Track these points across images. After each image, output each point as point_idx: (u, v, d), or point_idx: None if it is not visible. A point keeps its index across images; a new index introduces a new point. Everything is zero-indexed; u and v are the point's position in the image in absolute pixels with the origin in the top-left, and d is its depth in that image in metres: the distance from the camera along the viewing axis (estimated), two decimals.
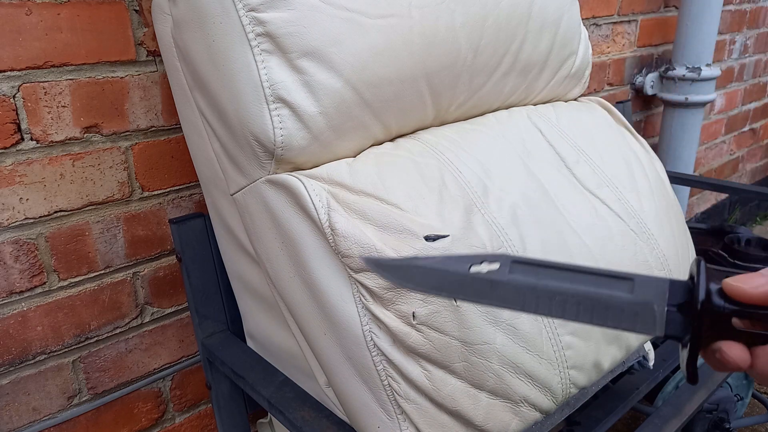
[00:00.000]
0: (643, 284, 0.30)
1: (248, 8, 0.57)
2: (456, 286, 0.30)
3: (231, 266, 0.78)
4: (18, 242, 0.71)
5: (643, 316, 0.29)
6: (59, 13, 0.68)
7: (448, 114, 0.76)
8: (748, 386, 1.24)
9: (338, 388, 0.62)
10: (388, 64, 0.64)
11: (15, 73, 0.67)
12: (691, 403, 0.75)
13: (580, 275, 0.30)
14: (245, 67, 0.58)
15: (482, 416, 0.59)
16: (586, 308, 0.29)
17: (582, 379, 0.66)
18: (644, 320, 0.29)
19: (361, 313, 0.57)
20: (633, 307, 0.29)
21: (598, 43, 1.41)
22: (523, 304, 0.30)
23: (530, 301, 0.30)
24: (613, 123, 0.91)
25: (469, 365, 0.58)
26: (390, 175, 0.62)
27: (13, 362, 0.74)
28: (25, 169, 0.70)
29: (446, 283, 0.30)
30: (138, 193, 0.80)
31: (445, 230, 0.59)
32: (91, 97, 0.73)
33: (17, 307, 0.73)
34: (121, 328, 0.82)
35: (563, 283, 0.30)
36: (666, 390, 1.11)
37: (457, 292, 0.30)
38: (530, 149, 0.77)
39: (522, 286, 0.30)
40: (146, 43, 0.76)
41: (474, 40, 0.73)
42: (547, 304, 0.30)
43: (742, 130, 2.21)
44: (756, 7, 1.96)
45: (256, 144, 0.60)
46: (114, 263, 0.79)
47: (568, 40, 0.88)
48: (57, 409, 0.79)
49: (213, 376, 0.84)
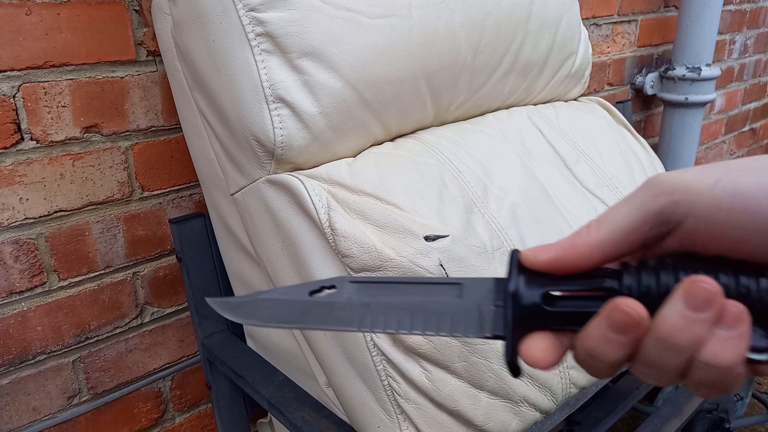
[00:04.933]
0: (471, 287, 0.29)
1: (248, 8, 0.57)
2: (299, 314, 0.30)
3: (231, 266, 0.78)
4: (18, 242, 0.71)
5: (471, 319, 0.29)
6: (59, 13, 0.68)
7: (448, 114, 0.76)
8: (748, 386, 1.24)
9: (338, 388, 0.62)
10: (388, 64, 0.64)
11: (15, 73, 0.67)
12: (691, 403, 0.75)
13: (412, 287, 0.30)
14: (245, 67, 0.58)
15: (482, 416, 0.59)
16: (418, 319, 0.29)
17: (582, 379, 0.66)
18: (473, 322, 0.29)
19: None
20: (461, 311, 0.29)
21: (598, 43, 1.41)
22: (360, 323, 0.29)
23: (366, 318, 0.30)
24: (613, 123, 0.91)
25: (469, 365, 0.58)
26: (390, 175, 0.62)
27: (13, 362, 0.74)
28: (25, 169, 0.70)
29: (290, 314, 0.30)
30: (138, 193, 0.80)
31: (445, 230, 0.59)
32: (91, 97, 0.73)
33: (17, 307, 0.73)
34: (121, 328, 0.82)
35: (395, 297, 0.30)
36: (666, 390, 1.11)
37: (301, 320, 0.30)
38: (530, 149, 0.77)
39: (357, 304, 0.30)
40: (146, 43, 0.76)
41: (474, 40, 0.73)
42: (382, 320, 0.29)
43: (742, 130, 2.21)
44: (756, 7, 1.96)
45: (256, 144, 0.60)
46: (114, 263, 0.79)
47: (568, 40, 0.88)
48: (57, 409, 0.79)
49: (213, 376, 0.84)
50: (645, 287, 0.25)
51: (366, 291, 0.30)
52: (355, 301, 0.30)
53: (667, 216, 0.25)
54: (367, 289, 0.30)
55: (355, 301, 0.30)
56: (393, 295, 0.30)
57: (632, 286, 0.25)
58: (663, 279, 0.25)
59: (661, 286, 0.25)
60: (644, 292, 0.25)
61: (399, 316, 0.29)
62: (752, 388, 1.25)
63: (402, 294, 0.30)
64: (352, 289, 0.30)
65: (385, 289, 0.30)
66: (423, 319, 0.29)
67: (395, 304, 0.30)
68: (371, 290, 0.30)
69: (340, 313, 0.30)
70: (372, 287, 0.30)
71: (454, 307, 0.29)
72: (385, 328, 0.29)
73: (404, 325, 0.29)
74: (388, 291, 0.30)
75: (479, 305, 0.29)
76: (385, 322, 0.29)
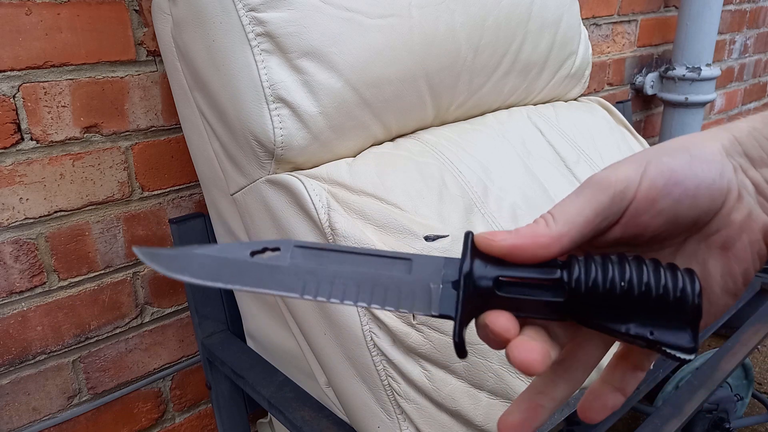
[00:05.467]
0: (421, 264, 0.29)
1: (248, 8, 0.57)
2: (235, 274, 0.29)
3: None
4: (18, 242, 0.71)
5: (420, 296, 0.29)
6: (59, 13, 0.68)
7: (448, 114, 0.76)
8: (748, 386, 1.24)
9: (338, 388, 0.62)
10: (388, 64, 0.64)
11: (15, 73, 0.67)
12: (691, 403, 0.75)
13: (361, 257, 0.30)
14: (245, 67, 0.58)
15: (482, 416, 0.59)
16: (365, 290, 0.29)
17: None
18: (421, 299, 0.29)
19: (361, 313, 0.57)
20: (410, 287, 0.29)
21: (598, 43, 1.41)
22: (303, 289, 0.29)
23: (311, 285, 0.29)
24: (613, 123, 0.91)
25: (469, 365, 0.58)
26: (390, 174, 0.62)
27: (13, 362, 0.74)
28: (25, 169, 0.70)
29: (225, 272, 0.29)
30: (138, 193, 0.80)
31: (444, 230, 0.59)
32: (91, 97, 0.73)
33: (17, 307, 0.73)
34: (121, 328, 0.82)
35: (344, 267, 0.29)
36: (666, 390, 1.11)
37: (236, 280, 0.29)
38: (530, 149, 0.77)
39: (302, 270, 0.29)
40: (146, 43, 0.76)
41: (474, 40, 0.73)
42: (328, 288, 0.29)
43: None
44: (756, 7, 1.96)
45: (256, 144, 0.60)
46: (114, 263, 0.79)
47: (568, 40, 0.88)
48: (57, 409, 0.79)
49: (213, 376, 0.84)
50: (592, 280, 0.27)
51: (313, 257, 0.30)
52: (300, 267, 0.29)
53: (615, 207, 0.28)
54: (314, 255, 0.30)
55: (301, 267, 0.29)
56: (341, 264, 0.29)
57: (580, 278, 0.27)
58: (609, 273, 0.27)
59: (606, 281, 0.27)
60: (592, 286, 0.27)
61: (345, 286, 0.29)
62: (752, 388, 1.25)
63: (350, 264, 0.29)
64: (298, 253, 0.30)
65: (332, 258, 0.30)
66: (371, 291, 0.29)
67: (343, 274, 0.29)
68: (318, 257, 0.30)
69: (284, 277, 0.29)
70: (319, 254, 0.30)
71: (403, 282, 0.29)
72: (330, 297, 0.29)
73: (350, 295, 0.29)
74: (336, 259, 0.30)
75: (428, 283, 0.29)
76: (330, 291, 0.29)
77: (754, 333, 0.92)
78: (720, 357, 0.86)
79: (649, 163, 0.28)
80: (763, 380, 1.54)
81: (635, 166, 0.28)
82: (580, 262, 0.27)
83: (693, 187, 0.27)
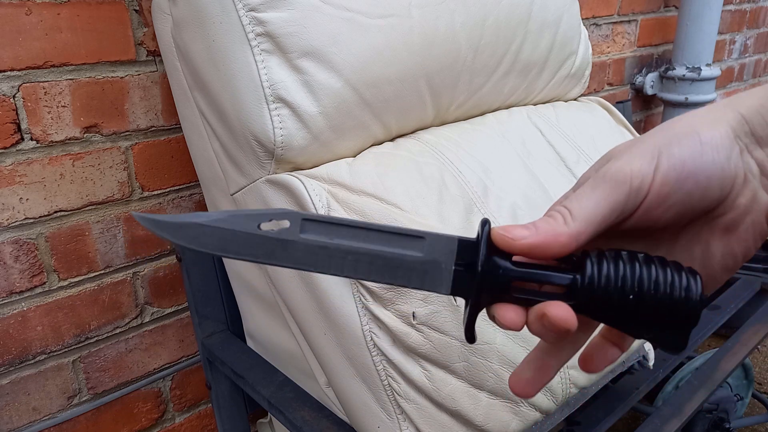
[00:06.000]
0: (433, 243, 0.30)
1: (248, 8, 0.57)
2: (244, 245, 0.29)
3: (231, 266, 0.78)
4: (18, 242, 0.71)
5: (432, 275, 0.29)
6: (59, 13, 0.68)
7: (448, 114, 0.76)
8: (748, 386, 1.24)
9: (338, 388, 0.62)
10: (388, 64, 0.64)
11: (15, 73, 0.67)
12: (691, 403, 0.75)
13: (373, 233, 0.30)
14: (245, 67, 0.58)
15: (482, 416, 0.59)
16: (377, 267, 0.29)
17: (582, 378, 0.66)
18: (433, 278, 0.29)
19: (361, 313, 0.57)
20: (423, 266, 0.29)
21: (598, 43, 1.41)
22: (315, 264, 0.29)
23: (322, 260, 0.29)
24: (613, 123, 0.91)
25: (469, 365, 0.58)
26: (390, 175, 0.62)
27: (13, 362, 0.74)
28: (25, 169, 0.70)
29: (233, 243, 0.29)
30: (138, 193, 0.80)
31: (444, 230, 0.59)
32: (91, 97, 0.73)
33: (17, 307, 0.73)
34: (121, 328, 0.82)
35: (356, 242, 0.29)
36: (666, 390, 1.11)
37: (245, 252, 0.29)
38: (530, 149, 0.77)
39: (314, 245, 0.29)
40: (146, 43, 0.76)
41: (474, 40, 0.73)
42: (340, 264, 0.29)
43: None
44: (756, 7, 1.96)
45: (256, 144, 0.60)
46: (114, 263, 0.79)
47: (568, 40, 0.88)
48: (57, 409, 0.79)
49: (213, 376, 0.84)
50: (604, 285, 0.28)
51: (323, 232, 0.30)
52: (312, 242, 0.29)
53: (630, 204, 0.28)
54: (324, 229, 0.30)
55: (313, 242, 0.29)
56: (352, 240, 0.29)
57: (593, 283, 0.28)
58: (620, 271, 0.28)
59: (618, 279, 0.27)
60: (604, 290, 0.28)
61: (357, 262, 0.29)
62: (752, 388, 1.25)
63: (362, 240, 0.30)
64: (308, 227, 0.30)
65: (343, 232, 0.30)
66: (382, 268, 0.29)
67: (354, 250, 0.29)
68: (329, 231, 0.30)
69: (294, 252, 0.29)
70: (329, 228, 0.30)
71: (416, 260, 0.29)
72: (342, 272, 0.29)
73: (361, 272, 0.29)
74: (347, 234, 0.30)
75: (441, 263, 0.29)
76: (342, 267, 0.29)
77: (754, 333, 0.92)
78: (720, 357, 0.86)
79: (661, 154, 0.28)
80: (763, 380, 1.54)
81: (648, 158, 0.28)
82: (594, 264, 0.28)
83: (704, 179, 0.28)
